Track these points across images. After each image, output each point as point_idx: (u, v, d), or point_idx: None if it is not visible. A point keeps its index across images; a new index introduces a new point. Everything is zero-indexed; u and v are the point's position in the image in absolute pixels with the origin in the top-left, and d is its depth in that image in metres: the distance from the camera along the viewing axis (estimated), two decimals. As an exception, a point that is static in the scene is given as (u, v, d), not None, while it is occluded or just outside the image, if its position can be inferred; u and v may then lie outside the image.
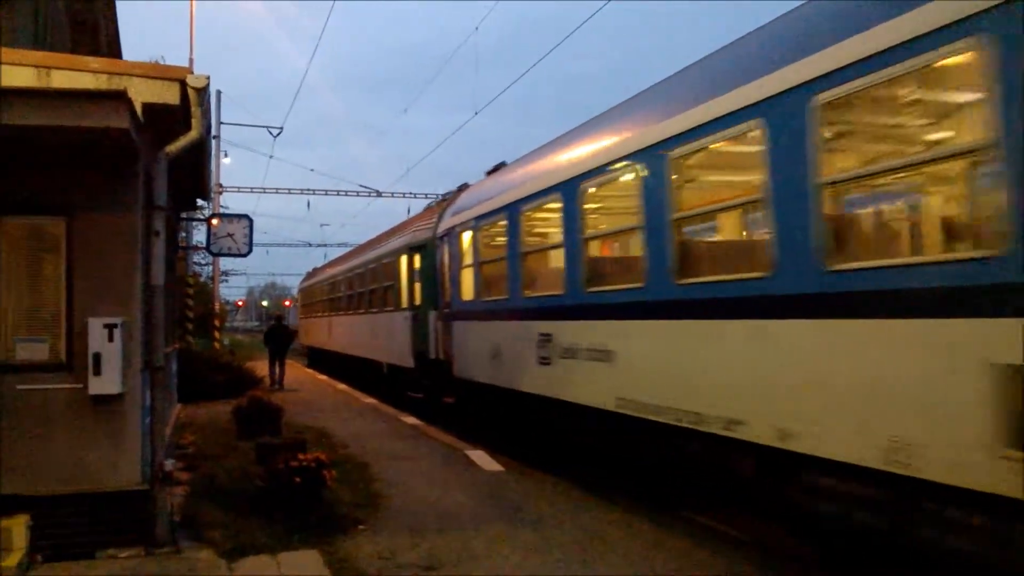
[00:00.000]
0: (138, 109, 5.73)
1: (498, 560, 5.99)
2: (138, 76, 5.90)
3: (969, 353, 4.07)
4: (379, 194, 36.73)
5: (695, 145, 6.33)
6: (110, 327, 5.96)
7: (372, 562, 5.90)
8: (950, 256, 4.69)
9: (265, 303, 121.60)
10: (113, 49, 15.46)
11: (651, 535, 6.57)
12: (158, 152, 6.45)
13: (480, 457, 9.99)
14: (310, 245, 59.45)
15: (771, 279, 5.51)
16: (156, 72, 6.11)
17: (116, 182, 6.16)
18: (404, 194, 37.10)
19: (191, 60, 22.42)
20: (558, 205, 8.68)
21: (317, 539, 6.33)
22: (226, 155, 29.25)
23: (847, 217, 5.59)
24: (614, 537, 6.53)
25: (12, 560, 5.34)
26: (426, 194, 35.75)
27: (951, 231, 5.22)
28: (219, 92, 27.34)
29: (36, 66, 5.71)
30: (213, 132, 23.12)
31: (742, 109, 5.71)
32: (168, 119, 6.15)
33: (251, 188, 36.38)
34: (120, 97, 5.42)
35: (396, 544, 6.33)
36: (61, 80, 5.72)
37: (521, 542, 6.40)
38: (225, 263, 33.04)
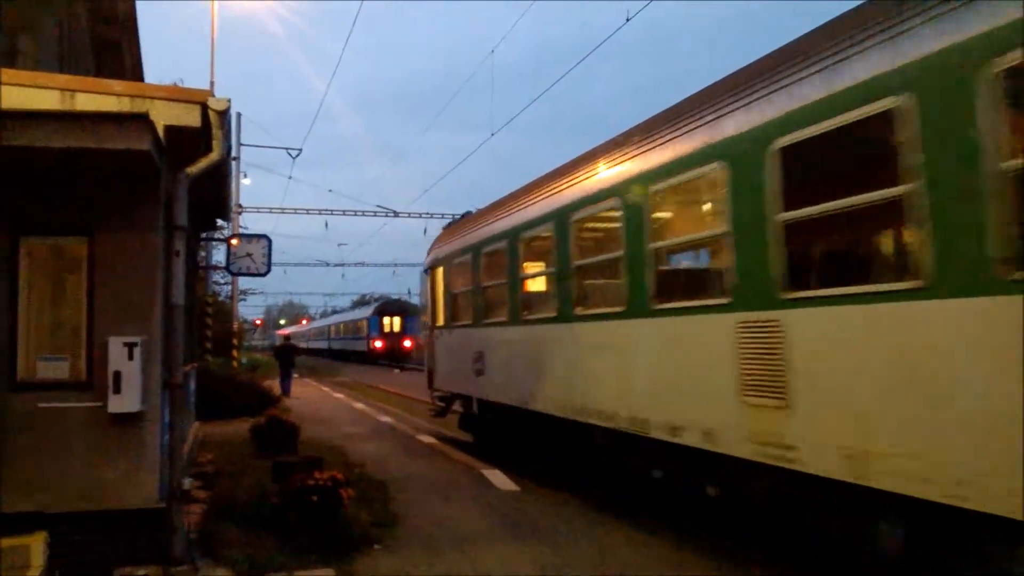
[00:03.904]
0: (160, 131, 5.82)
1: (514, 580, 5.95)
2: (160, 99, 6.00)
3: None
4: (396, 214, 36.99)
5: None
6: (130, 346, 6.02)
7: (388, 581, 5.89)
8: None
9: (283, 322, 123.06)
10: (136, 73, 15.74)
11: (667, 555, 6.51)
12: (179, 173, 6.52)
13: (496, 476, 9.96)
14: (328, 265, 59.89)
15: None
16: (178, 95, 6.20)
17: (137, 202, 6.24)
18: (421, 214, 37.40)
19: (212, 83, 22.81)
20: None
21: (334, 558, 6.32)
22: (245, 176, 29.58)
23: None
24: (629, 556, 6.47)
25: (31, 577, 5.37)
26: (442, 214, 36.02)
27: None
28: (239, 114, 27.76)
29: (61, 89, 5.83)
30: (233, 154, 23.40)
31: None
32: (189, 141, 6.23)
33: (270, 208, 36.77)
34: (143, 120, 5.51)
35: (412, 563, 6.30)
36: (85, 103, 5.82)
37: (536, 561, 6.35)
38: (244, 282, 33.31)
